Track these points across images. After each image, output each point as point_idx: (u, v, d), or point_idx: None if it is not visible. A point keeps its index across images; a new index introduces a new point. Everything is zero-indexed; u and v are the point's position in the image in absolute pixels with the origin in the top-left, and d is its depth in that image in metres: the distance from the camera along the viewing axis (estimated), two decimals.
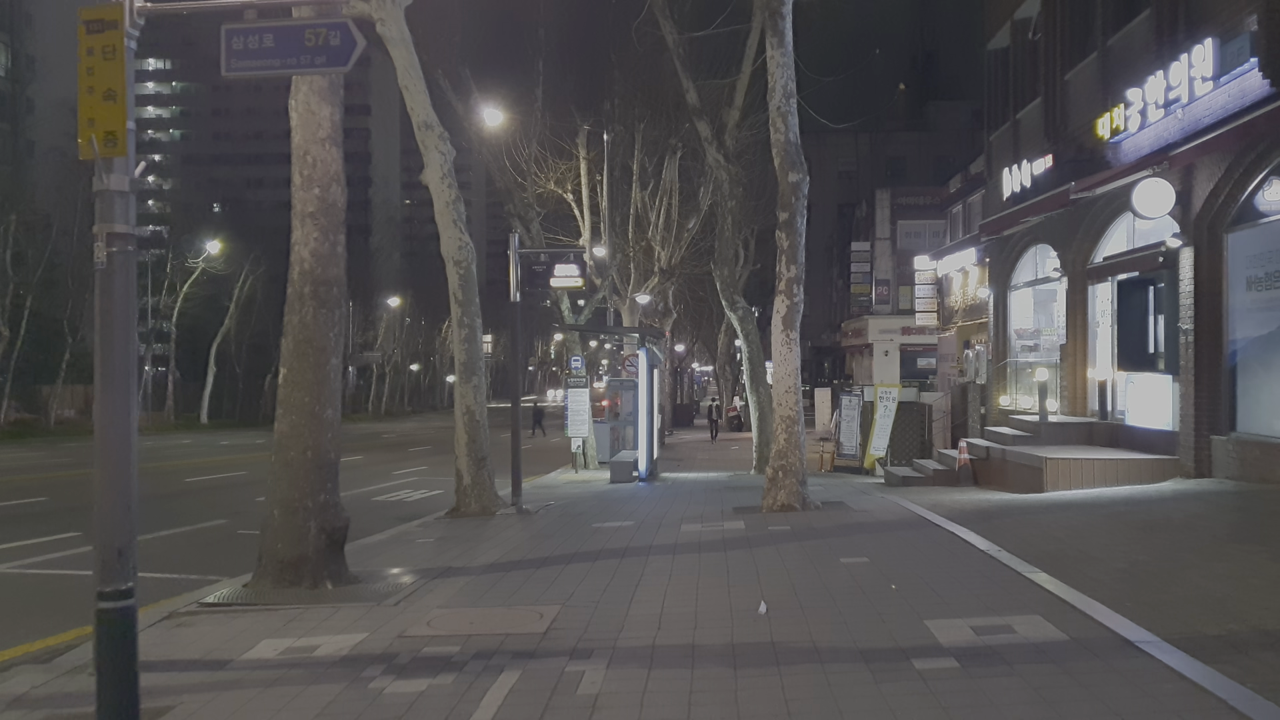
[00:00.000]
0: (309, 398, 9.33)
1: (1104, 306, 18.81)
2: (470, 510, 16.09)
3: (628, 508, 16.40)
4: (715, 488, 20.48)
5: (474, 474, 16.20)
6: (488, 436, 16.56)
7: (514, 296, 18.30)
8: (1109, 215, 18.12)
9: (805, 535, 11.48)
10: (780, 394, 14.28)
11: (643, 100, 35.26)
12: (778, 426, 14.18)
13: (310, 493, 9.29)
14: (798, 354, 14.46)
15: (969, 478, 18.23)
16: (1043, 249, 22.06)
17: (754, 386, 26.18)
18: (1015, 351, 23.80)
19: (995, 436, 19.12)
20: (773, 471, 14.06)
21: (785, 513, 13.56)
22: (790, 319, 14.45)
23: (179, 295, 68.17)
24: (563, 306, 28.59)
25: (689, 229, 39.54)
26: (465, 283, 16.46)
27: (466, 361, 16.39)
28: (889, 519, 12.56)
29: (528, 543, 12.18)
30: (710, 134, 26.03)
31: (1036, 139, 20.79)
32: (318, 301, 9.40)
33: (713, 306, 61.03)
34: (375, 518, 17.85)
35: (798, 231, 14.59)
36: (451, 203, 16.48)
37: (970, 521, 11.78)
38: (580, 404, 27.18)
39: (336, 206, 9.54)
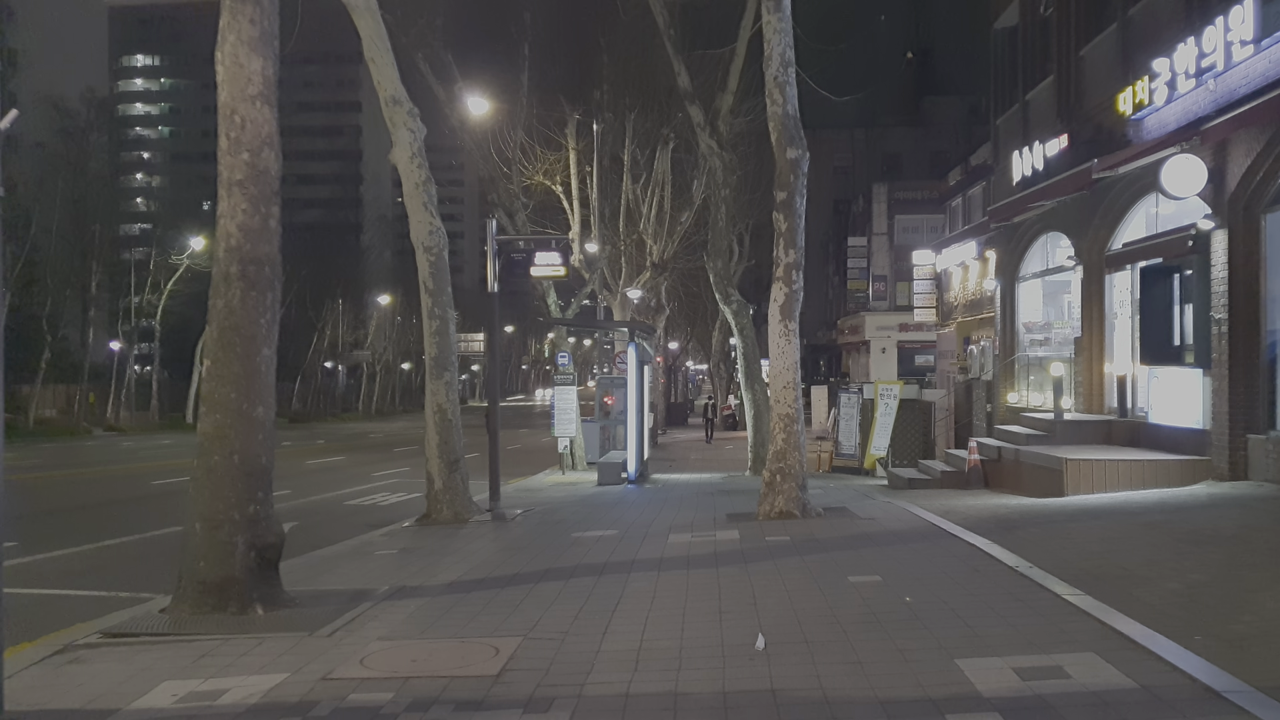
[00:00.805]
0: (236, 394, 8.07)
1: (1123, 296, 17.61)
2: (442, 517, 14.85)
3: (613, 514, 15.16)
4: (708, 491, 19.25)
5: (446, 478, 14.96)
6: (461, 437, 15.32)
7: (490, 287, 17.04)
8: (1129, 198, 16.91)
9: (807, 548, 10.23)
10: (778, 390, 13.05)
11: (633, 89, 34.09)
12: (775, 426, 12.94)
13: (237, 504, 8.04)
14: (797, 347, 13.23)
15: (979, 480, 17.02)
16: (1054, 237, 20.86)
17: (749, 384, 24.95)
18: (1024, 346, 22.60)
19: (1006, 436, 17.91)
20: (770, 475, 12.81)
21: (784, 520, 12.32)
22: (789, 308, 13.22)
23: (163, 292, 66.79)
24: (549, 300, 27.31)
25: (682, 222, 38.43)
26: (436, 271, 15.22)
27: (438, 356, 15.14)
28: (899, 528, 11.32)
29: (497, 556, 10.93)
30: (703, 119, 24.79)
31: (1048, 120, 19.57)
32: (246, 283, 8.15)
33: (707, 303, 59.81)
34: (342, 525, 16.64)
35: (797, 213, 13.36)
36: (421, 184, 15.24)
37: (990, 531, 10.55)
38: (567, 403, 25.95)
39: (269, 174, 8.29)
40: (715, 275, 25.25)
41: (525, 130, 29.92)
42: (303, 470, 29.55)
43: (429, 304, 15.17)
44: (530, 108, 29.74)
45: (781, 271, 13.26)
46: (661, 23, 24.53)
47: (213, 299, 8.26)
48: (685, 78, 25.01)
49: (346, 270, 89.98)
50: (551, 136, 31.33)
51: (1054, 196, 17.28)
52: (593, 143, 32.60)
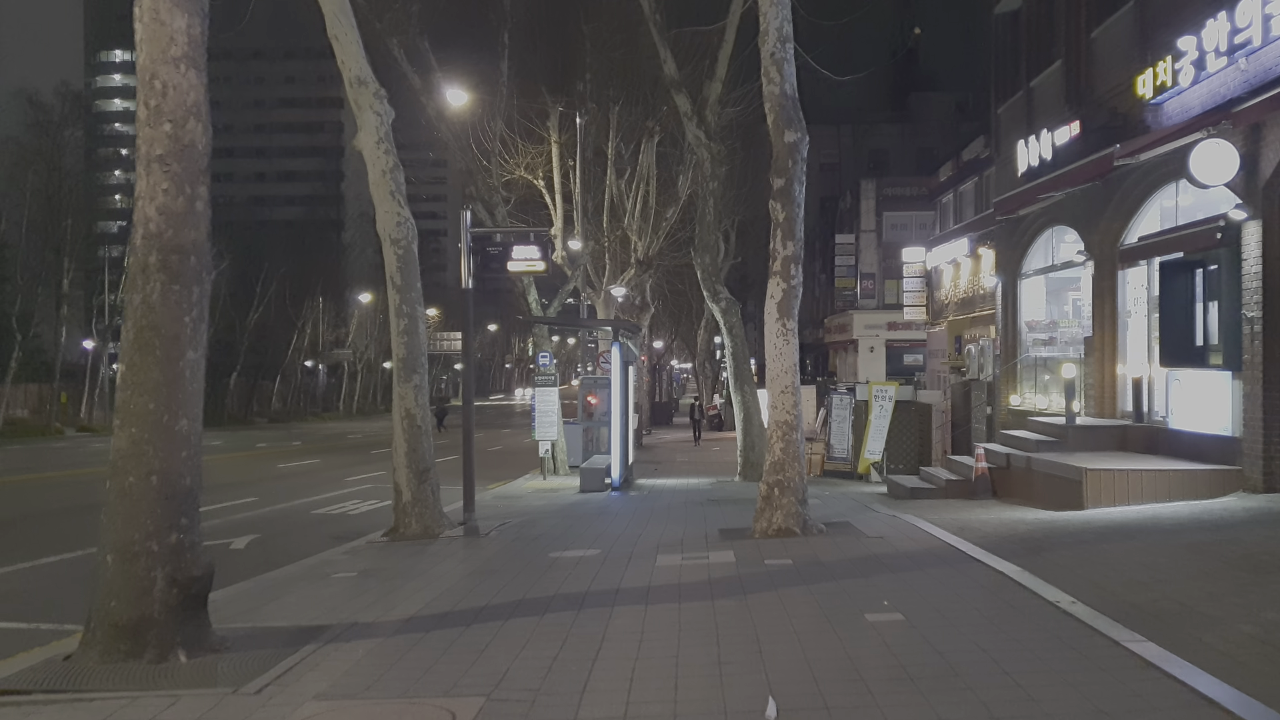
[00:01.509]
0: (155, 404, 6.92)
1: (1137, 294, 16.58)
2: (410, 532, 13.71)
3: (595, 527, 14.04)
4: (697, 499, 18.13)
5: (415, 489, 13.81)
6: (432, 445, 14.17)
7: (465, 283, 15.90)
8: (1145, 189, 15.87)
9: (813, 574, 9.12)
10: (775, 394, 11.94)
11: (617, 79, 32.99)
12: (772, 433, 11.84)
13: (156, 532, 6.89)
14: (796, 347, 12.14)
15: (987, 489, 15.95)
16: (1060, 231, 19.84)
17: (738, 385, 23.85)
18: (1027, 345, 21.59)
19: (1014, 442, 16.85)
20: (767, 488, 11.70)
21: (783, 539, 11.21)
22: (787, 305, 12.12)
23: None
24: (530, 298, 26.15)
25: (667, 218, 37.35)
26: (405, 264, 14.07)
27: (406, 357, 14.00)
28: (912, 549, 10.21)
29: (466, 582, 9.79)
30: (690, 108, 23.69)
31: (1055, 107, 18.53)
32: (168, 275, 6.99)
33: (692, 301, 58.72)
34: (306, 537, 15.52)
35: (795, 201, 12.26)
36: (389, 171, 14.09)
37: (1015, 554, 9.47)
38: (549, 404, 24.80)
39: (195, 149, 7.14)
40: (703, 271, 24.14)
41: (505, 122, 28.77)
42: (274, 474, 28.35)
43: (396, 301, 14.02)
44: (511, 98, 28.60)
45: (779, 265, 12.15)
46: (646, 7, 23.43)
47: (129, 294, 7.10)
48: (671, 65, 23.92)
49: (327, 268, 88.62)
50: (533, 129, 30.19)
51: (1068, 186, 16.22)
52: (575, 136, 31.50)
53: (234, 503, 20.56)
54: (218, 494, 22.06)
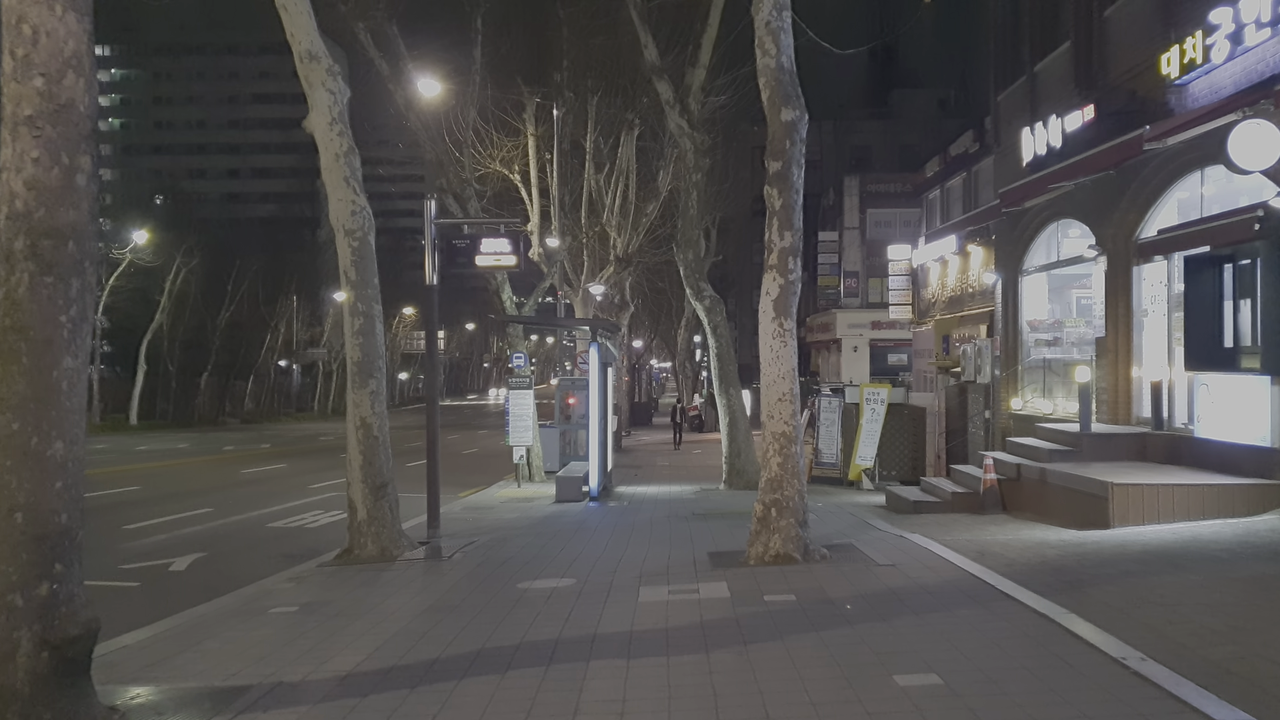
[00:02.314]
0: (20, 423, 5.58)
1: (1155, 291, 15.38)
2: (365, 554, 12.38)
3: (571, 548, 12.74)
4: (681, 513, 16.84)
5: (371, 506, 12.49)
6: (390, 457, 12.83)
7: (429, 279, 14.58)
8: (1165, 178, 14.67)
9: (823, 616, 7.82)
10: (771, 402, 10.66)
11: (595, 69, 31.74)
12: (769, 446, 10.55)
13: (21, 582, 5.55)
14: (794, 349, 10.87)
15: (996, 503, 14.70)
16: (1065, 225, 18.66)
17: (723, 387, 22.57)
18: (1028, 346, 20.41)
19: (1023, 450, 15.63)
20: (763, 508, 10.39)
21: (782, 567, 9.92)
22: (784, 303, 10.85)
23: (105, 288, 63.54)
24: (504, 295, 24.80)
25: (647, 214, 36.15)
26: (360, 258, 12.73)
27: (361, 360, 12.66)
28: (932, 582, 8.93)
29: (420, 622, 8.47)
30: (672, 96, 22.41)
31: (1063, 92, 17.34)
32: (38, 264, 5.65)
33: (672, 299, 57.42)
34: (255, 557, 14.19)
35: (793, 187, 11.00)
36: (343, 155, 12.77)
37: (1052, 588, 8.22)
38: (523, 407, 23.45)
39: (74, 110, 5.81)
40: (686, 267, 22.87)
41: (479, 113, 27.43)
42: (235, 481, 26.91)
43: (351, 298, 12.69)
44: (484, 87, 27.24)
45: (775, 258, 10.87)
46: None
47: None
48: (653, 50, 22.64)
49: (302, 266, 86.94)
50: (508, 121, 28.87)
51: (1085, 174, 15.01)
52: (552, 128, 30.21)
53: (186, 514, 19.17)
54: (170, 504, 20.69)
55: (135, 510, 19.61)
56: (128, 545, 15.34)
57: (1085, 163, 14.77)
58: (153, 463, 33.60)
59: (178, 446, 43.17)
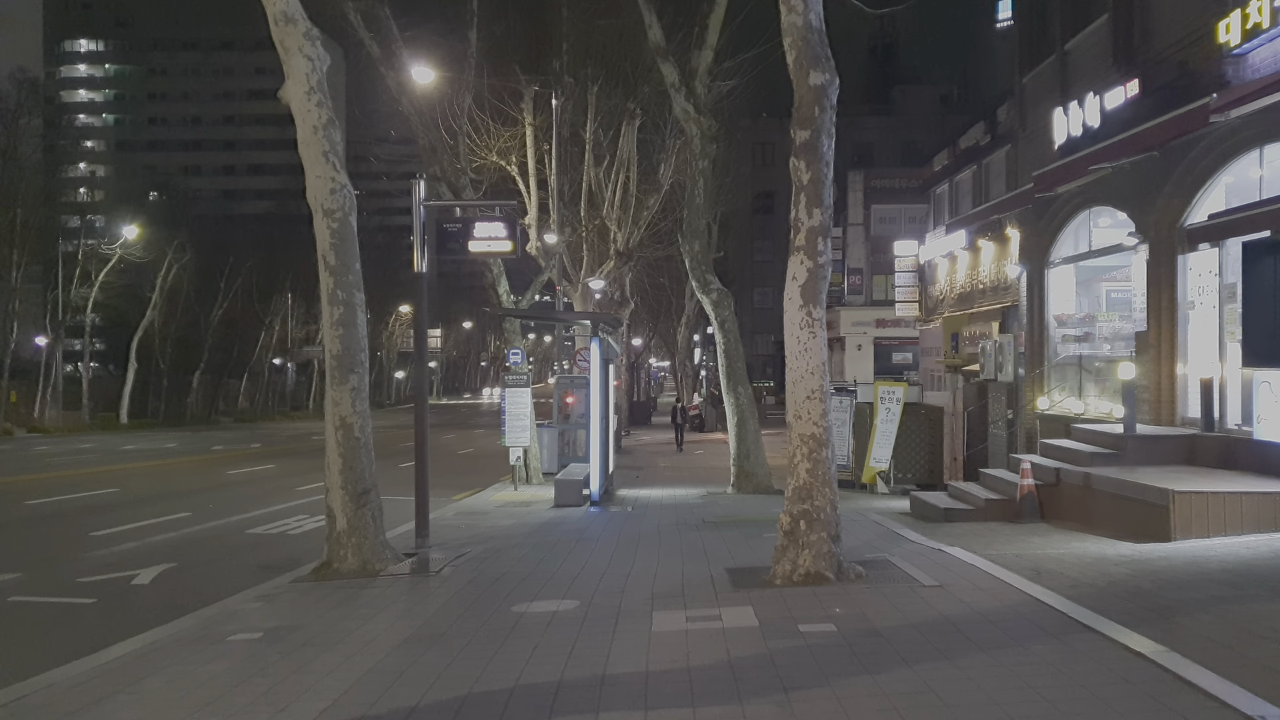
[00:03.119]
0: None
1: (1203, 281, 14.22)
2: (346, 567, 11.20)
3: (573, 560, 11.56)
4: (690, 519, 15.67)
5: (352, 514, 11.31)
6: (373, 461, 11.65)
7: (418, 266, 13.40)
8: (1217, 158, 13.51)
9: (873, 653, 6.62)
10: (799, 401, 9.48)
11: (596, 57, 30.61)
12: (795, 450, 9.37)
13: None
14: (824, 342, 9.71)
15: (1033, 510, 13.53)
16: (1098, 213, 17.52)
17: (731, 385, 21.37)
18: (1055, 342, 19.26)
19: (1060, 453, 14.45)
20: (790, 520, 9.20)
21: (814, 588, 8.73)
22: (812, 289, 9.68)
23: (95, 284, 62.35)
24: (500, 289, 23.59)
25: (649, 207, 35.01)
26: (340, 240, 11.54)
27: (341, 354, 11.47)
28: (989, 606, 7.75)
29: (398, 656, 7.28)
30: (678, 79, 21.21)
31: (1098, 69, 16.19)
32: None
33: (672, 297, 56.21)
34: (228, 568, 13.06)
35: (823, 158, 9.83)
36: (321, 128, 11.57)
37: (1134, 616, 7.05)
38: (520, 407, 22.22)
39: None
40: (691, 259, 21.68)
41: (475, 99, 26.22)
42: (220, 482, 25.71)
43: (330, 285, 11.49)
44: (481, 72, 26.03)
45: (803, 239, 9.70)
46: None
47: None
48: (658, 31, 21.44)
49: (297, 263, 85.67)
50: (505, 110, 27.70)
51: (1133, 152, 13.83)
52: (551, 118, 29.06)
53: (162, 519, 17.98)
54: (146, 508, 19.50)
55: (107, 515, 18.43)
56: (91, 555, 14.16)
57: (1134, 140, 13.60)
58: (137, 463, 32.40)
59: (165, 446, 41.97)
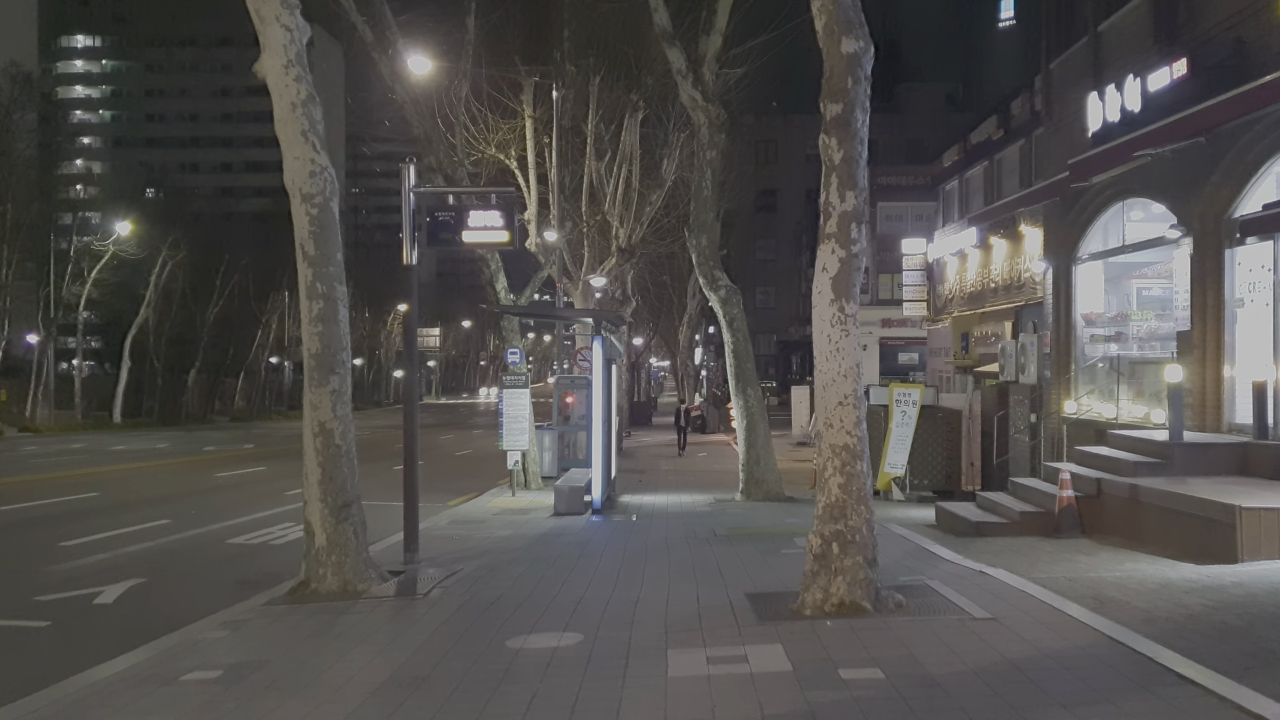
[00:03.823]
0: None
1: (1254, 277, 13.20)
2: (324, 588, 10.17)
3: (575, 581, 10.52)
4: (700, 531, 14.63)
5: (332, 530, 10.28)
6: (355, 470, 10.63)
7: (408, 258, 12.38)
8: (1271, 145, 12.47)
9: (934, 710, 5.57)
10: (830, 407, 8.45)
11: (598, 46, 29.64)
12: (826, 463, 8.33)
13: None
14: (857, 341, 8.68)
15: (1073, 524, 12.49)
16: (1131, 205, 16.50)
17: (740, 387, 20.32)
18: (1082, 342, 18.25)
19: (1100, 462, 13.42)
20: (821, 542, 8.15)
21: (851, 620, 7.69)
22: (844, 282, 8.64)
23: (87, 281, 61.31)
24: (498, 285, 22.53)
25: (651, 201, 34.02)
26: (321, 228, 10.52)
27: (320, 353, 10.45)
28: (1056, 646, 6.70)
29: (373, 706, 6.23)
30: (685, 65, 20.17)
31: (1136, 50, 15.17)
32: None
33: (674, 295, 55.12)
34: (201, 584, 12.09)
35: (857, 135, 8.79)
36: (299, 104, 10.53)
37: (1234, 663, 6.03)
38: (518, 409, 21.14)
39: None
40: (699, 254, 20.62)
41: (473, 90, 25.18)
42: (207, 486, 24.65)
43: (308, 277, 10.46)
44: (479, 61, 24.97)
45: (835, 225, 8.66)
46: None
47: None
48: (664, 15, 20.37)
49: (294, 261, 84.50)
50: (504, 101, 26.70)
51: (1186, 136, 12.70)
52: (551, 110, 28.06)
53: (139, 527, 16.97)
54: (125, 515, 18.47)
55: (81, 523, 17.39)
56: (56, 568, 13.13)
57: (1184, 123, 12.54)
58: (124, 464, 31.34)
59: (156, 446, 40.93)
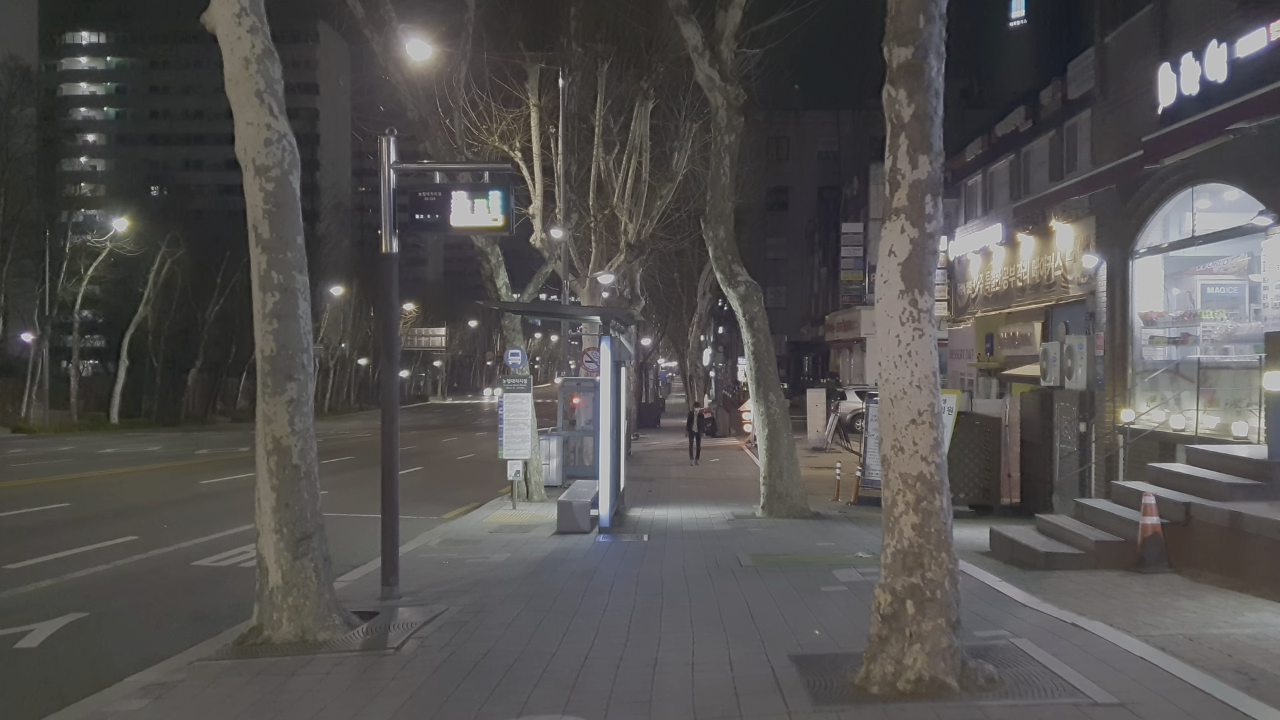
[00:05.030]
0: None
1: None
2: (279, 636, 8.46)
3: (579, 632, 8.80)
4: (722, 557, 12.91)
5: (288, 566, 8.56)
6: (317, 495, 8.92)
7: (386, 245, 10.70)
8: None
9: None
10: (900, 425, 6.72)
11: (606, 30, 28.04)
12: (895, 496, 6.60)
13: None
14: (933, 342, 6.96)
15: (1159, 556, 10.74)
16: (1202, 192, 14.77)
17: (761, 392, 18.58)
18: (1140, 344, 16.51)
19: (1185, 483, 11.67)
20: (890, 599, 6.38)
21: (932, 700, 5.94)
22: (918, 268, 6.91)
23: (83, 279, 59.76)
24: (498, 281, 20.81)
25: (662, 196, 32.37)
26: (277, 206, 8.78)
27: (276, 355, 8.71)
28: None
29: None
30: (701, 42, 18.47)
31: (1214, 14, 13.42)
32: None
33: (683, 295, 53.35)
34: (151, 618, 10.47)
35: (931, 86, 7.05)
36: (254, 60, 8.82)
37: None
38: (519, 414, 19.42)
39: None
40: (716, 247, 18.89)
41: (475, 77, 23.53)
42: (188, 495, 22.93)
43: (262, 264, 8.71)
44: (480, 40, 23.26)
45: (905, 197, 6.92)
46: None
47: None
48: None
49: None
50: (508, 89, 25.08)
51: None
52: (557, 98, 26.43)
53: (100, 545, 15.30)
54: (91, 530, 16.75)
55: (39, 540, 15.73)
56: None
57: None
58: (108, 470, 29.68)
59: (148, 449, 39.33)
